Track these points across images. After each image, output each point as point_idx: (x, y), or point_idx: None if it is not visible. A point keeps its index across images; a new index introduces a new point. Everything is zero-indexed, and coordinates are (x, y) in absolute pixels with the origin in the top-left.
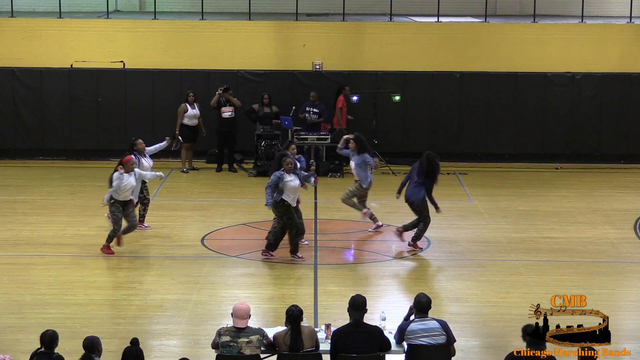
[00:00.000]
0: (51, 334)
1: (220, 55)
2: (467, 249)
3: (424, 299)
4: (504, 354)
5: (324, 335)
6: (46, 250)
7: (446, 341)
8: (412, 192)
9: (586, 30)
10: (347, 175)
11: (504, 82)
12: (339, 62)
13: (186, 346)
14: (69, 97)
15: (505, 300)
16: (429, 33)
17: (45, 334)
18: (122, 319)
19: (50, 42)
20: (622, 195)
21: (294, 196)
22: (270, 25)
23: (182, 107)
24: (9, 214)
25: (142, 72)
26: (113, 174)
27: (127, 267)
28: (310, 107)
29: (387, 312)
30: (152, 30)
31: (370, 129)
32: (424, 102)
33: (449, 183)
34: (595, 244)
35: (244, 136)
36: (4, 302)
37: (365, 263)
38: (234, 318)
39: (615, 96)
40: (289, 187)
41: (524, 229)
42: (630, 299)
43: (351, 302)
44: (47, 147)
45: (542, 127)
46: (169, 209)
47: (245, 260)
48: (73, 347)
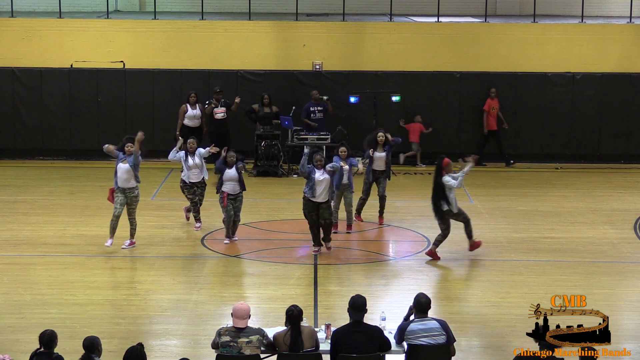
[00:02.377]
0: (49, 333)
1: (220, 55)
2: (467, 249)
3: (424, 299)
4: (504, 354)
5: (324, 335)
6: (46, 250)
7: (446, 341)
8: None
9: (586, 30)
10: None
11: (504, 82)
12: (339, 62)
13: (186, 346)
14: (69, 97)
15: (505, 300)
16: (429, 33)
17: (43, 334)
18: (122, 319)
19: (50, 42)
20: (622, 195)
21: (321, 191)
22: (270, 25)
23: (182, 108)
24: (9, 214)
25: (142, 72)
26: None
27: (127, 267)
28: (314, 106)
29: (387, 312)
30: (152, 30)
31: (370, 129)
32: (424, 102)
33: None
34: (595, 244)
35: (244, 136)
36: (4, 302)
37: (365, 263)
38: (234, 318)
39: (615, 96)
40: (316, 181)
41: (524, 229)
42: (630, 299)
43: (351, 302)
44: (47, 147)
45: (542, 127)
46: (169, 209)
47: (245, 260)
48: (73, 347)
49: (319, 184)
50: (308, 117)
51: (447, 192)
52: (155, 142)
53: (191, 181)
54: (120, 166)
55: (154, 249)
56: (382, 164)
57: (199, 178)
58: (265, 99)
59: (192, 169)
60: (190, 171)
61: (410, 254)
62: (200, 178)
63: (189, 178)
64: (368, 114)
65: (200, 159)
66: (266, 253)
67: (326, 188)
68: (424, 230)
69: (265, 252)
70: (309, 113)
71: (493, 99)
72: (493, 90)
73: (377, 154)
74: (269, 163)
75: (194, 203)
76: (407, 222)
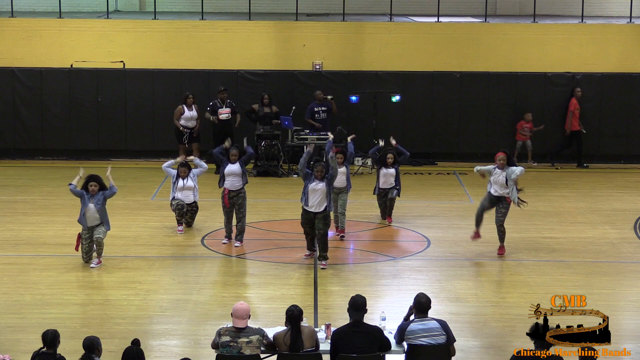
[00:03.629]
0: (53, 333)
1: (220, 55)
2: (467, 249)
3: (424, 299)
4: (504, 354)
5: (324, 335)
6: (46, 250)
7: (446, 341)
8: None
9: (586, 30)
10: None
11: (504, 82)
12: (339, 62)
13: (186, 346)
14: (69, 97)
15: (505, 300)
16: (429, 33)
17: (47, 334)
18: (122, 319)
19: (50, 42)
20: (622, 195)
21: (315, 200)
22: (270, 25)
23: (178, 109)
24: (9, 214)
25: (142, 72)
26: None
27: (127, 267)
28: (318, 106)
29: (387, 312)
30: (152, 30)
31: (370, 129)
32: (424, 102)
33: (449, 183)
34: (595, 244)
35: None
36: (4, 302)
37: (365, 263)
38: (234, 318)
39: (615, 96)
40: (310, 189)
41: (524, 229)
42: (630, 299)
43: (351, 303)
44: (47, 147)
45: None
46: (168, 209)
47: (245, 260)
48: (73, 347)
49: (312, 193)
50: (312, 117)
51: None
52: (155, 142)
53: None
54: (90, 207)
55: (154, 249)
56: (390, 180)
57: (188, 200)
58: (265, 99)
59: (181, 190)
60: (179, 192)
61: (410, 254)
62: (190, 200)
63: (177, 199)
64: (368, 114)
65: (194, 181)
66: (266, 253)
67: (322, 197)
68: (424, 230)
69: (265, 252)
70: (313, 113)
71: (578, 99)
72: (578, 90)
73: (385, 170)
74: (269, 163)
75: (180, 215)
76: (407, 222)
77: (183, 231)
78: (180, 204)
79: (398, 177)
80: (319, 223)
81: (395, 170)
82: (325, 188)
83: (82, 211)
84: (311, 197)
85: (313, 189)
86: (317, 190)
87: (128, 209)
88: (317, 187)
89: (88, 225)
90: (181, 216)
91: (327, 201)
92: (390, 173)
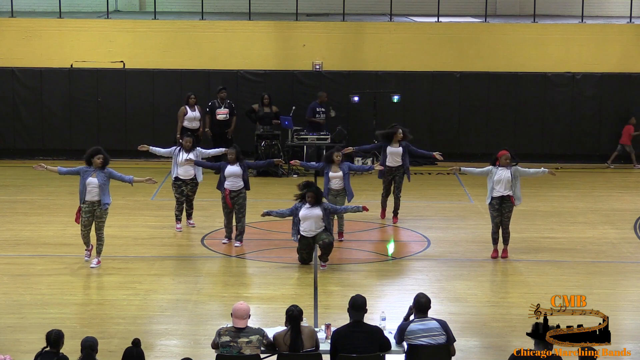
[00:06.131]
0: (57, 333)
1: (220, 55)
2: (467, 249)
3: (424, 299)
4: (504, 354)
5: (324, 335)
6: (46, 250)
7: (446, 341)
8: None
9: (586, 30)
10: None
11: (504, 82)
12: (339, 62)
13: (186, 346)
14: (69, 97)
15: (505, 300)
16: (429, 33)
17: (50, 333)
18: (122, 319)
19: (50, 42)
20: (622, 195)
21: (309, 225)
22: (270, 25)
23: (181, 110)
24: (9, 214)
25: (142, 72)
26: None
27: (127, 267)
28: (319, 107)
29: (387, 312)
30: (152, 30)
31: (370, 129)
32: (424, 102)
33: (449, 183)
34: (595, 244)
35: (244, 136)
36: (4, 302)
37: (365, 263)
38: (234, 318)
39: (615, 96)
40: (302, 216)
41: (524, 229)
42: (630, 299)
43: (351, 303)
44: (47, 147)
45: (542, 127)
46: (169, 209)
47: (245, 260)
48: (73, 347)
49: (304, 220)
50: (313, 116)
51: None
52: (155, 142)
53: (179, 177)
54: (91, 181)
55: (154, 249)
56: (397, 159)
57: (188, 175)
58: (265, 99)
59: (182, 165)
60: (180, 167)
61: (410, 254)
62: (190, 175)
63: (177, 173)
64: (368, 114)
65: (196, 156)
66: (266, 253)
67: (316, 220)
68: (424, 230)
69: (265, 252)
70: (315, 113)
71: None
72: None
73: (391, 148)
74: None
75: (179, 202)
76: (407, 222)
77: (182, 229)
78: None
79: (406, 156)
80: (320, 235)
81: (403, 149)
82: (321, 213)
83: (82, 184)
84: (304, 224)
85: (305, 216)
86: (309, 216)
87: (128, 209)
88: (310, 214)
89: (86, 199)
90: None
91: (325, 222)
92: (397, 152)
